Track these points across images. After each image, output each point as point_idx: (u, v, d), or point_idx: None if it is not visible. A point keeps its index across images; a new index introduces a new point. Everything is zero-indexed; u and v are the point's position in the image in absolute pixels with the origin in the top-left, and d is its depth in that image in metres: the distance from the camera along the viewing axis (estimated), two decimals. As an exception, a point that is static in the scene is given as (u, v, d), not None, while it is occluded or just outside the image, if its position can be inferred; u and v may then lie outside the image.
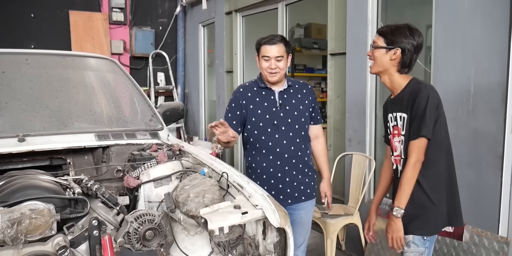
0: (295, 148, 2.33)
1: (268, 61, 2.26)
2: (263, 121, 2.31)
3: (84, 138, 2.19)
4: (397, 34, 1.82)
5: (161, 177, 1.91)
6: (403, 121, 1.86)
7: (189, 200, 1.67)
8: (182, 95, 6.78)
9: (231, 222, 1.46)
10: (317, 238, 3.77)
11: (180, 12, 6.60)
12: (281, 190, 2.31)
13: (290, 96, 2.36)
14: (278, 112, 2.31)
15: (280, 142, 2.30)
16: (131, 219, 1.54)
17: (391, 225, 1.85)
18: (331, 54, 3.78)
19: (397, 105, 1.91)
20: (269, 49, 2.25)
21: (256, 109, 2.32)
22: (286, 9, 4.53)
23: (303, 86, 2.43)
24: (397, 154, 1.94)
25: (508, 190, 2.42)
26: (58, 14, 6.02)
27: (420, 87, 1.82)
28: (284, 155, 2.31)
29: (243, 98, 2.34)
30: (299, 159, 2.34)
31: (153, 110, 2.62)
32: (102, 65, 2.79)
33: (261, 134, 2.31)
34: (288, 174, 2.32)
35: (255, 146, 2.34)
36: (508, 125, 2.38)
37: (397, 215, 1.81)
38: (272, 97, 2.33)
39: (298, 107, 2.35)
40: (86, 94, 2.59)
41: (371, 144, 3.45)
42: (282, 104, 2.32)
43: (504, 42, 2.38)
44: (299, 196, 2.36)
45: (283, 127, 2.31)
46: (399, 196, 1.81)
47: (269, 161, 2.31)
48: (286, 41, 2.30)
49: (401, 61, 1.85)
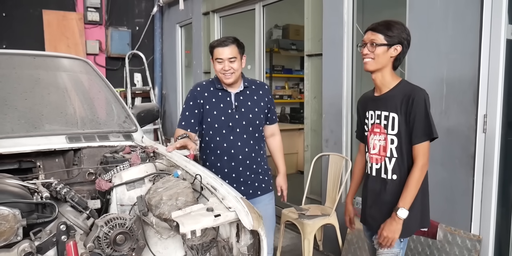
0: (249, 149, 2.37)
1: (222, 63, 2.28)
2: (218, 122, 2.33)
3: (54, 140, 2.13)
4: (396, 30, 1.81)
5: (133, 180, 1.87)
6: (393, 121, 1.86)
7: (162, 203, 1.64)
8: (160, 96, 6.72)
9: (204, 225, 1.44)
10: (294, 238, 3.78)
11: (157, 12, 6.54)
12: (236, 188, 2.30)
13: (246, 98, 2.38)
14: (234, 114, 2.34)
15: (235, 143, 2.34)
16: (101, 223, 1.50)
17: (391, 225, 1.81)
18: (308, 55, 3.80)
19: (383, 104, 1.90)
20: (222, 51, 2.27)
21: (212, 110, 2.34)
22: (264, 10, 4.53)
23: (260, 86, 2.45)
24: (375, 152, 1.94)
25: (480, 189, 2.46)
26: (31, 14, 5.88)
27: (414, 89, 1.83)
28: (238, 157, 2.35)
29: (201, 97, 2.35)
30: (253, 160, 2.40)
31: (127, 111, 2.57)
32: (74, 65, 2.73)
33: (216, 135, 2.35)
34: (243, 174, 2.37)
35: (210, 146, 2.38)
36: (480, 125, 2.43)
37: (401, 216, 1.79)
38: (228, 99, 2.35)
39: (253, 109, 2.37)
40: (57, 96, 2.52)
41: (348, 144, 3.47)
42: (238, 106, 2.35)
43: (475, 43, 2.43)
44: (254, 192, 2.41)
45: (238, 129, 2.34)
46: (404, 197, 1.80)
47: (223, 162, 2.36)
48: (239, 42, 2.33)
49: (398, 57, 1.85)
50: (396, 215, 1.79)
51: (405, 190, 1.81)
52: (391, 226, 1.81)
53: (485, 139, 2.43)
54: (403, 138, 1.84)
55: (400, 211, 1.78)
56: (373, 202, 1.97)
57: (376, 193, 1.95)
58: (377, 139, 1.93)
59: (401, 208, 1.79)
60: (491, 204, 2.43)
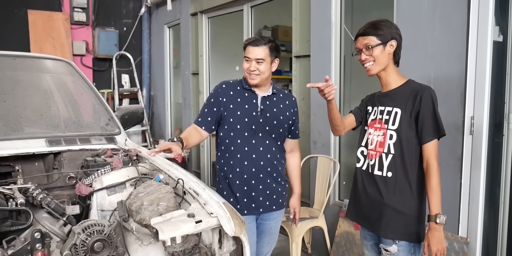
0: (271, 156, 2.24)
1: (249, 62, 2.17)
2: (241, 124, 2.19)
3: (34, 143, 2.08)
4: (384, 28, 1.80)
5: (114, 184, 1.83)
6: (395, 116, 1.82)
7: (142, 208, 1.59)
8: (148, 97, 6.65)
9: (184, 232, 1.40)
10: (282, 241, 3.74)
11: (145, 13, 6.47)
12: (253, 198, 2.22)
13: (272, 104, 2.26)
14: (258, 117, 2.20)
15: (256, 148, 2.20)
16: (78, 230, 1.45)
17: (435, 236, 1.70)
18: (296, 56, 3.77)
19: (389, 100, 1.87)
20: (251, 50, 2.17)
21: (235, 109, 2.20)
22: (252, 11, 4.49)
23: (287, 96, 2.34)
24: (372, 148, 1.89)
25: (468, 191, 2.45)
26: (16, 14, 5.78)
27: (421, 87, 1.81)
28: (260, 162, 2.21)
29: (224, 95, 2.22)
30: (274, 168, 2.26)
31: (110, 113, 2.52)
32: (56, 66, 2.67)
33: (237, 137, 2.20)
34: (263, 182, 2.22)
35: (230, 149, 2.22)
36: (467, 127, 2.42)
37: (441, 222, 1.69)
38: (254, 101, 2.22)
39: (278, 116, 2.25)
40: (38, 98, 2.46)
41: (336, 146, 3.45)
42: (263, 110, 2.21)
43: (462, 45, 2.42)
44: (270, 205, 2.27)
45: (260, 134, 2.20)
46: (434, 202, 1.71)
47: (243, 167, 2.20)
48: (273, 45, 2.19)
49: (395, 52, 1.84)
50: (436, 223, 1.70)
51: (432, 195, 1.72)
52: (434, 237, 1.71)
53: (472, 141, 2.41)
54: (403, 134, 1.79)
55: (439, 218, 1.69)
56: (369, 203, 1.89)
57: (370, 190, 1.88)
58: (375, 135, 1.88)
59: (438, 214, 1.70)
60: (478, 206, 2.41)
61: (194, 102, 5.42)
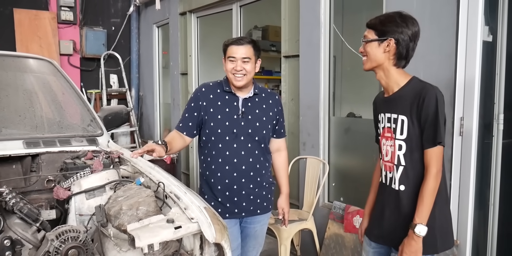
0: (253, 160, 2.16)
1: (234, 62, 2.10)
2: (221, 128, 2.12)
3: (10, 145, 2.01)
4: (388, 23, 1.65)
5: (93, 188, 1.77)
6: (402, 124, 1.66)
7: (121, 213, 1.53)
8: (137, 97, 6.56)
9: (162, 238, 1.34)
10: (271, 244, 3.69)
11: (134, 12, 6.38)
12: (236, 202, 2.15)
13: (254, 105, 2.18)
14: (239, 121, 2.13)
15: (238, 152, 2.13)
16: (52, 236, 1.38)
17: (410, 245, 1.57)
18: (285, 56, 3.72)
19: (393, 105, 1.71)
20: (236, 50, 2.10)
21: (216, 113, 2.13)
22: (241, 11, 4.44)
23: (270, 95, 2.27)
24: (388, 159, 1.74)
25: (457, 193, 2.42)
26: (1, 12, 5.66)
27: (425, 87, 1.62)
28: (241, 167, 2.13)
29: (204, 99, 2.15)
30: (257, 172, 2.18)
31: (92, 114, 2.45)
32: (37, 66, 2.59)
33: (218, 142, 2.13)
34: (245, 187, 2.15)
35: (211, 153, 2.15)
36: (456, 128, 2.39)
37: (419, 233, 1.55)
38: (235, 103, 2.15)
39: (261, 118, 2.17)
40: (16, 98, 2.38)
41: (325, 147, 3.40)
42: (245, 113, 2.14)
43: (451, 44, 2.38)
44: (254, 209, 2.20)
45: (242, 137, 2.13)
46: (420, 211, 1.57)
47: (224, 172, 2.13)
48: (255, 44, 2.14)
49: (397, 52, 1.66)
50: (414, 233, 1.56)
51: (420, 204, 1.58)
52: (410, 246, 1.58)
53: (462, 142, 2.38)
54: (413, 144, 1.64)
55: (418, 228, 1.56)
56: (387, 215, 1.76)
57: (387, 205, 1.75)
58: (388, 145, 1.73)
59: (418, 224, 1.56)
60: (468, 208, 2.38)
61: (183, 102, 5.35)
